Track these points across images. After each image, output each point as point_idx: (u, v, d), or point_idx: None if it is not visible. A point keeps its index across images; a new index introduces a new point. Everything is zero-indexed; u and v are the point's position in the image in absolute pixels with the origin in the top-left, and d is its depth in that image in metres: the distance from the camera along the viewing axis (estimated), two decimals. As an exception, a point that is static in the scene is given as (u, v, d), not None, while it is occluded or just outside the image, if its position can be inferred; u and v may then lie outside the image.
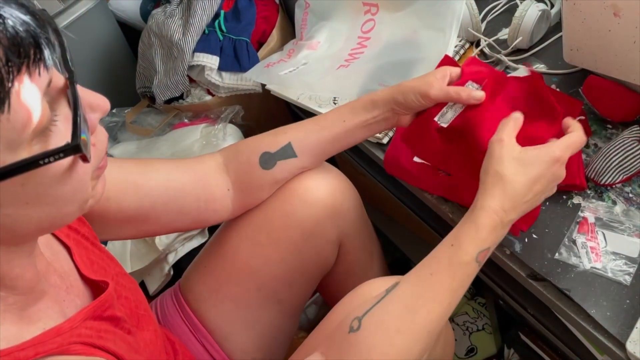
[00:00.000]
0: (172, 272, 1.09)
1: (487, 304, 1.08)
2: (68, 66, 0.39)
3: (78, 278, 0.55)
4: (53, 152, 0.36)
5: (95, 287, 0.55)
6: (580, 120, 0.79)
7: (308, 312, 1.17)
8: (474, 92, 0.70)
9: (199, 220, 0.77)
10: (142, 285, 1.14)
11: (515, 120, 0.64)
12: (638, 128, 0.76)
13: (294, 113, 1.22)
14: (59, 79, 0.39)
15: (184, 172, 0.74)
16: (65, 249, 0.56)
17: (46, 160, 0.36)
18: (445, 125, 0.73)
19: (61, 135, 0.38)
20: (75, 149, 0.37)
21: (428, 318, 0.57)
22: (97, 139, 0.43)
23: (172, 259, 1.08)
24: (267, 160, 0.75)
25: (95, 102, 0.42)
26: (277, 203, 0.79)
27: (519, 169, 0.60)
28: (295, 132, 0.76)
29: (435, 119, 0.74)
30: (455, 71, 0.73)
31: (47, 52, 0.36)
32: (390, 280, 0.64)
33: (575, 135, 0.63)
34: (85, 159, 0.39)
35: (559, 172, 0.62)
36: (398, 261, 1.30)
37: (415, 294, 0.58)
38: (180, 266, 1.07)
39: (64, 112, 0.39)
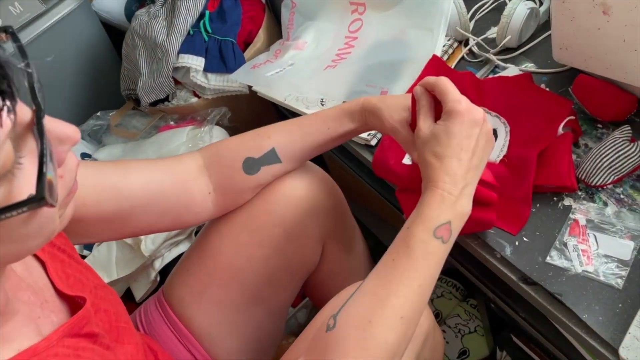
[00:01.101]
0: (158, 278, 1.07)
1: (479, 306, 1.07)
2: (36, 100, 0.36)
3: (54, 293, 0.53)
4: (14, 206, 0.34)
5: (72, 302, 0.53)
6: (570, 120, 0.78)
7: (298, 316, 1.15)
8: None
9: (180, 222, 0.76)
10: (128, 292, 1.12)
11: (425, 104, 0.64)
12: (629, 128, 0.75)
13: (281, 114, 1.20)
14: (26, 113, 0.36)
15: (163, 173, 0.72)
16: (39, 264, 0.53)
17: (7, 214, 0.33)
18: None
19: (26, 177, 0.35)
20: (39, 201, 0.34)
21: (398, 303, 0.56)
22: (65, 169, 0.40)
23: (158, 264, 1.06)
24: (251, 165, 0.74)
25: (64, 134, 0.39)
26: (259, 202, 0.78)
27: (436, 142, 0.60)
28: (279, 137, 0.75)
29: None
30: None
31: (11, 94, 0.33)
32: None
33: (441, 79, 0.63)
34: (51, 206, 0.36)
35: (474, 114, 0.60)
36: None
37: (381, 282, 0.58)
38: (167, 272, 1.05)
39: (30, 147, 0.36)
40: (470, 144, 0.60)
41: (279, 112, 1.24)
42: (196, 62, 1.16)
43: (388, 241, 1.23)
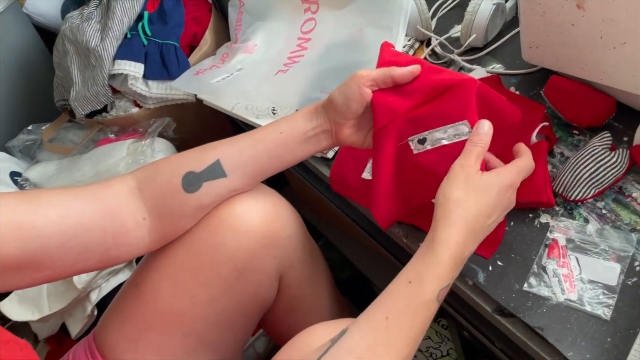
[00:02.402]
0: (95, 312, 0.96)
1: (450, 328, 0.99)
2: None
3: None
4: None
5: None
6: (544, 127, 0.71)
7: (257, 345, 1.05)
8: (403, 68, 0.63)
9: (109, 258, 0.64)
10: (63, 328, 1.00)
11: (483, 145, 0.57)
12: (609, 134, 0.67)
13: (235, 124, 1.10)
14: None
15: (85, 203, 0.60)
16: None
17: None
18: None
19: None
20: None
21: None
22: None
23: (95, 297, 0.95)
24: (192, 181, 0.63)
25: None
26: (202, 234, 0.67)
27: (479, 198, 0.54)
28: (226, 147, 0.65)
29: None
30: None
31: None
32: (337, 325, 0.54)
33: (524, 159, 0.59)
34: None
35: (512, 198, 0.57)
36: (354, 277, 1.20)
37: (369, 343, 0.49)
38: (105, 305, 0.94)
39: None
40: (500, 213, 0.56)
41: (232, 122, 1.13)
42: (134, 69, 1.05)
43: (351, 255, 1.18)
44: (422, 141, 0.62)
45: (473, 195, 0.53)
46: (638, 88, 0.63)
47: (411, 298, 0.51)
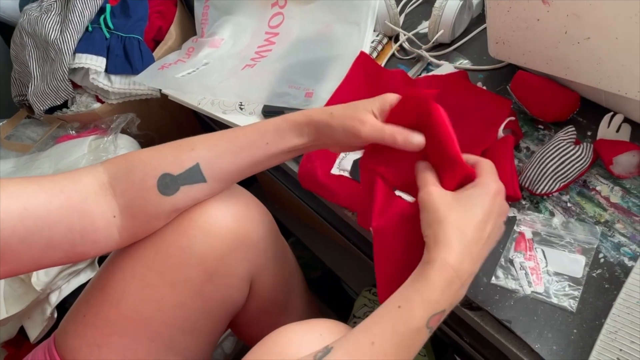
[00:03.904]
0: (55, 315, 0.92)
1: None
2: None
3: None
4: None
5: None
6: (510, 122, 0.71)
7: (225, 346, 1.03)
8: (411, 137, 0.55)
9: (75, 254, 0.60)
10: (22, 331, 0.96)
11: (427, 168, 0.55)
12: (573, 129, 0.68)
13: (202, 121, 1.08)
14: None
15: (50, 195, 0.56)
16: None
17: None
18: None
19: None
20: None
21: None
22: None
23: (55, 299, 0.91)
24: (168, 184, 0.60)
25: None
26: (172, 235, 0.64)
27: (462, 213, 0.50)
28: (205, 150, 0.61)
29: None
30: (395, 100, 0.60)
31: None
32: (309, 326, 0.53)
33: (486, 163, 0.55)
34: None
35: (503, 203, 0.53)
36: (325, 276, 1.19)
37: None
38: (65, 307, 0.90)
39: None
40: (495, 222, 0.52)
41: (198, 117, 1.11)
42: (96, 63, 1.02)
43: (321, 253, 1.17)
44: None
45: (454, 213, 0.50)
46: (601, 83, 0.64)
47: (399, 324, 0.48)
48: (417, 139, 0.55)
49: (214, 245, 0.65)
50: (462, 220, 0.50)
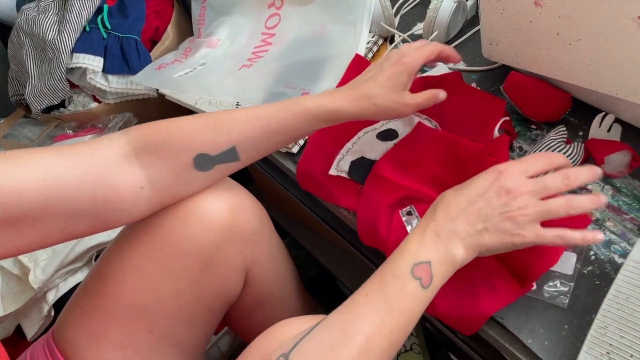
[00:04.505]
0: (52, 313, 0.93)
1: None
2: None
3: None
4: None
5: None
6: (504, 122, 0.72)
7: (220, 344, 1.04)
8: (438, 94, 0.66)
9: (100, 225, 0.60)
10: (19, 329, 0.96)
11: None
12: (564, 128, 0.69)
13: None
14: None
15: (69, 166, 0.56)
16: None
17: None
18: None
19: None
20: None
21: (366, 345, 0.48)
22: None
23: (52, 297, 0.92)
24: (205, 162, 0.62)
25: None
26: (169, 225, 0.65)
27: (453, 189, 0.56)
28: (241, 133, 0.62)
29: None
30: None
31: None
32: (312, 320, 0.54)
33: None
34: None
35: (506, 183, 0.53)
36: (320, 275, 1.20)
37: (351, 317, 0.49)
38: (63, 305, 0.91)
39: None
40: (484, 190, 0.54)
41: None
42: (93, 63, 1.03)
43: (317, 253, 1.17)
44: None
45: (448, 192, 0.56)
46: (592, 83, 0.65)
47: (385, 274, 0.52)
48: (442, 94, 0.66)
49: (209, 236, 0.66)
50: (449, 193, 0.56)
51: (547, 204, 0.52)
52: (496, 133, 0.70)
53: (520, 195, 0.52)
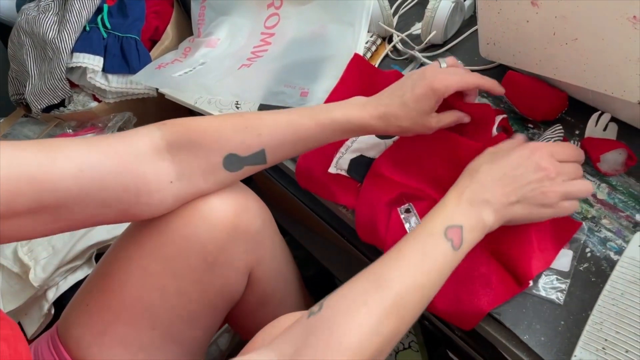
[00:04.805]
0: (53, 311, 0.93)
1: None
2: None
3: None
4: None
5: None
6: (502, 120, 0.73)
7: (220, 342, 1.04)
8: (461, 117, 0.70)
9: (129, 215, 0.62)
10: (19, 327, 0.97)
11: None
12: (561, 127, 0.70)
13: (197, 119, 1.09)
14: None
15: (105, 157, 0.57)
16: None
17: None
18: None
19: None
20: None
21: (399, 295, 0.49)
22: None
23: (52, 295, 0.92)
24: (234, 162, 0.63)
25: None
26: (175, 223, 0.66)
27: (488, 159, 0.60)
28: (271, 137, 0.64)
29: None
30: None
31: None
32: None
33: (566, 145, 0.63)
34: None
35: (541, 161, 0.58)
36: (319, 275, 1.20)
37: (385, 270, 0.51)
38: (63, 303, 0.92)
39: None
40: (519, 169, 0.58)
41: (194, 116, 1.13)
42: (93, 62, 1.03)
43: (316, 252, 1.18)
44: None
45: (482, 159, 0.60)
46: (588, 82, 0.66)
47: (419, 233, 0.54)
48: (467, 119, 0.70)
49: (214, 235, 0.66)
50: (484, 164, 0.59)
51: (573, 185, 0.59)
52: (494, 131, 0.71)
53: (553, 174, 0.58)
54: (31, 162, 0.52)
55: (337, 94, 0.84)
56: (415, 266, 0.51)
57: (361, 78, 0.85)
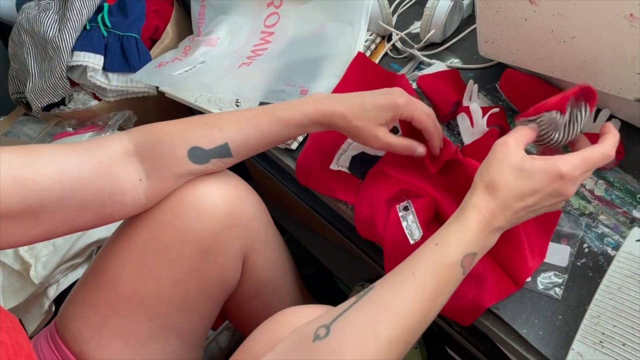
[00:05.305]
0: (53, 308, 0.93)
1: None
2: None
3: None
4: None
5: None
6: (498, 117, 0.73)
7: (220, 340, 1.05)
8: (416, 149, 0.69)
9: (104, 216, 0.64)
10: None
11: (529, 130, 0.59)
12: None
13: (196, 117, 1.09)
14: None
15: (82, 159, 0.60)
16: None
17: None
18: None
19: None
20: None
21: (409, 325, 0.49)
22: None
23: (52, 292, 0.93)
24: (200, 156, 0.65)
25: None
26: (166, 216, 0.67)
27: (515, 178, 0.54)
28: (233, 132, 0.66)
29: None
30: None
31: None
32: (321, 309, 0.55)
33: (594, 149, 0.56)
34: None
35: (563, 189, 0.54)
36: (318, 273, 1.21)
37: (396, 294, 0.50)
38: (63, 301, 0.92)
39: None
40: (542, 200, 0.54)
41: (194, 114, 1.13)
42: (94, 61, 1.04)
43: (316, 250, 1.18)
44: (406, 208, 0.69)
45: (509, 175, 0.54)
46: (585, 80, 0.66)
47: (436, 258, 0.52)
48: (420, 150, 0.68)
49: (206, 224, 0.68)
50: (510, 184, 0.53)
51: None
52: (485, 127, 0.72)
53: (572, 194, 0.55)
54: (13, 163, 0.54)
55: (340, 92, 0.84)
56: (429, 295, 0.51)
57: (364, 76, 0.86)
